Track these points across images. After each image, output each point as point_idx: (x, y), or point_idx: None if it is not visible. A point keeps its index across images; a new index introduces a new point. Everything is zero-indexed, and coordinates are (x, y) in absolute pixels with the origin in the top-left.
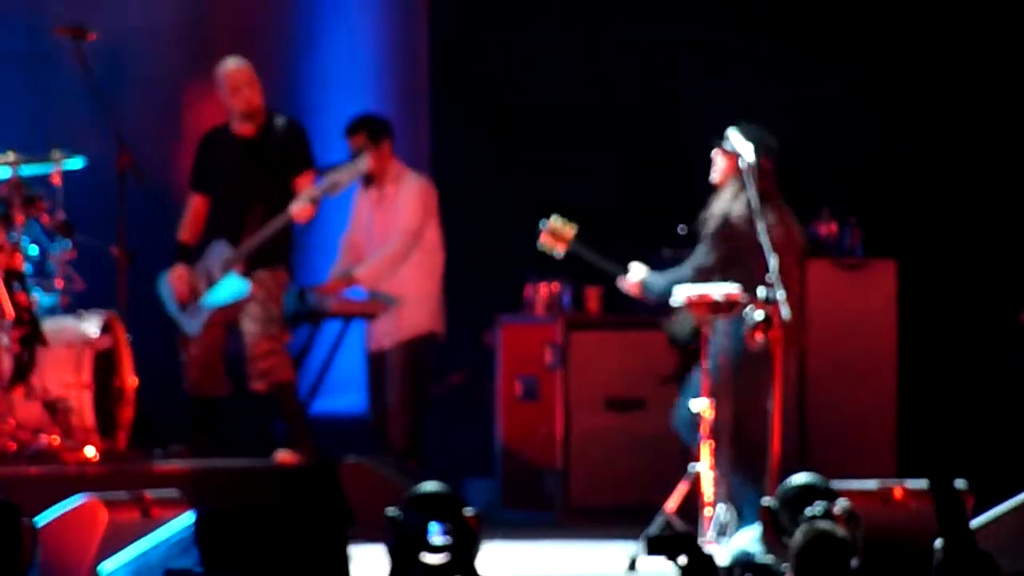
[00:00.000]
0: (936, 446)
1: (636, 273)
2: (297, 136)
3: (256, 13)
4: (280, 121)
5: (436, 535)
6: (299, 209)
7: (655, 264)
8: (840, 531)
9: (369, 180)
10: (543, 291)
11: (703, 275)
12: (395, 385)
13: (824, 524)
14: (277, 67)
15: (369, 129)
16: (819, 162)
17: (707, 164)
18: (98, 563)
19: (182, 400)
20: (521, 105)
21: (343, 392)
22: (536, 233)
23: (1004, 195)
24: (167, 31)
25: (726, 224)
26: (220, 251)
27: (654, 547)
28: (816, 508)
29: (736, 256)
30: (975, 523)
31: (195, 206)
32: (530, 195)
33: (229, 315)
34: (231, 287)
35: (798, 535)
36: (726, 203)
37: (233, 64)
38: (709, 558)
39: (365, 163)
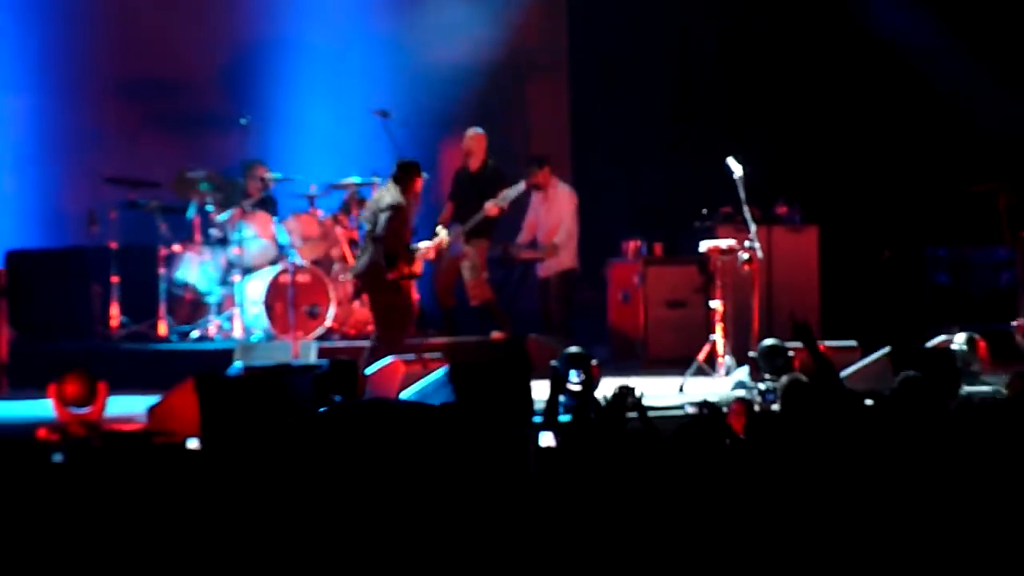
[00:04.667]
0: (803, 323)
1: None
2: (498, 171)
3: (473, 97)
4: (491, 162)
5: (574, 376)
6: (490, 207)
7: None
8: (804, 378)
9: (538, 188)
10: (631, 245)
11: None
12: (554, 297)
13: (795, 374)
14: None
15: (535, 162)
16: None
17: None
18: (399, 395)
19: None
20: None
21: (527, 302)
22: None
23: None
24: (435, 112)
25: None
26: (456, 228)
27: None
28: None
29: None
30: (850, 368)
31: (448, 207)
32: (636, 198)
33: (457, 264)
34: None
35: (783, 380)
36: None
37: (471, 132)
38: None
39: (521, 187)
